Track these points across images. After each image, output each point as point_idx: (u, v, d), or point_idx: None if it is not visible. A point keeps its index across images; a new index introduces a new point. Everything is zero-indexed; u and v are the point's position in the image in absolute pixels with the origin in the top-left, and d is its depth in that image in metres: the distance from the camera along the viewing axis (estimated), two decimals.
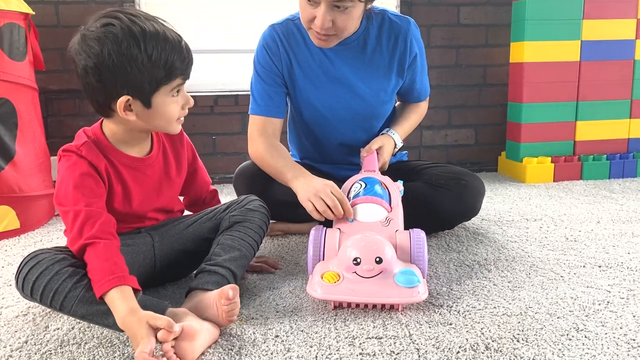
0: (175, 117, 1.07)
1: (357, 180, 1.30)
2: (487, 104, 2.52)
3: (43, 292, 0.95)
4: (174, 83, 1.03)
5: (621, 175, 2.29)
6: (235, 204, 1.23)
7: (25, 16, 1.74)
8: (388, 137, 1.48)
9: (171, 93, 1.04)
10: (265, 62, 1.46)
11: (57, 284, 0.94)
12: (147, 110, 1.03)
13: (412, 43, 1.45)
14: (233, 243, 1.12)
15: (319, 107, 1.48)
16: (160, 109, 1.04)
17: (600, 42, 2.27)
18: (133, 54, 0.97)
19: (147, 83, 1.00)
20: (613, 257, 1.32)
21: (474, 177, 1.49)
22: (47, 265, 0.96)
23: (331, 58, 1.44)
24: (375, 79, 1.46)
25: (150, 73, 0.99)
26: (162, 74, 1.00)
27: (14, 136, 1.67)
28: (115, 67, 0.97)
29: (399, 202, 1.24)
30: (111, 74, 0.98)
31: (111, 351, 0.91)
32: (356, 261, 1.03)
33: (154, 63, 0.99)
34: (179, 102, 1.06)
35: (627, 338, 0.92)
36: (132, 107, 1.02)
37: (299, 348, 0.91)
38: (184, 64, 1.03)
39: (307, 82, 1.46)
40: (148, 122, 1.05)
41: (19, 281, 0.98)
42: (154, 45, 0.99)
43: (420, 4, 2.36)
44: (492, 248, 1.41)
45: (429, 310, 1.04)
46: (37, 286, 0.96)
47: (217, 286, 1.01)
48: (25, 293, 0.98)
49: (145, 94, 1.01)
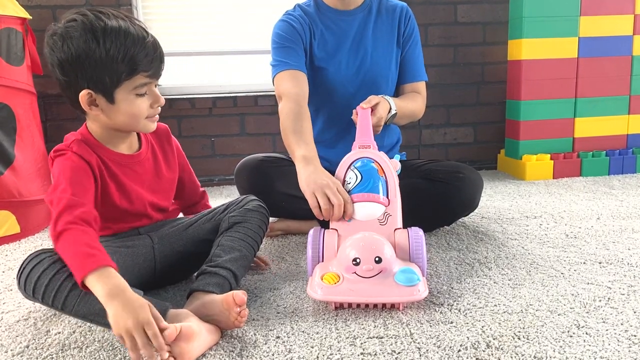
0: (142, 115, 1.07)
1: (351, 166, 1.23)
2: (485, 102, 2.53)
3: (45, 291, 0.95)
4: (136, 80, 1.03)
5: (620, 171, 2.29)
6: (234, 204, 1.23)
7: (22, 21, 1.74)
8: (383, 98, 1.42)
9: (136, 90, 1.04)
10: (288, 30, 1.51)
11: (58, 282, 0.94)
12: (111, 106, 1.04)
13: (409, 19, 1.58)
14: (233, 244, 1.12)
15: (334, 75, 1.54)
16: (123, 105, 1.04)
17: (598, 39, 2.27)
18: (91, 48, 0.99)
19: (107, 78, 1.01)
20: (613, 253, 1.32)
21: (472, 170, 1.50)
22: (48, 264, 0.96)
23: (342, 27, 1.54)
24: (381, 44, 1.55)
25: (110, 68, 1.00)
26: (122, 70, 1.01)
27: (13, 141, 1.67)
28: (75, 61, 1.00)
29: (397, 190, 1.20)
30: (72, 68, 1.01)
31: (112, 354, 0.91)
32: (356, 261, 1.03)
33: (113, 58, 1.00)
34: (146, 100, 1.07)
35: (628, 334, 0.92)
36: (97, 102, 1.03)
37: (300, 349, 0.91)
38: (146, 60, 1.03)
39: (322, 52, 1.54)
40: (114, 119, 1.06)
41: (20, 281, 0.98)
42: (113, 40, 1.00)
43: (417, 2, 2.36)
44: (492, 246, 1.41)
45: (430, 309, 1.04)
46: (39, 285, 0.96)
47: (218, 288, 1.01)
48: (27, 293, 0.98)
49: (107, 89, 1.02)
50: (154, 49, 1.05)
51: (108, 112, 1.05)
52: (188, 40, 2.41)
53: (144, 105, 1.06)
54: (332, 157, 1.47)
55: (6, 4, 1.67)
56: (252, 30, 2.40)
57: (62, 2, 2.18)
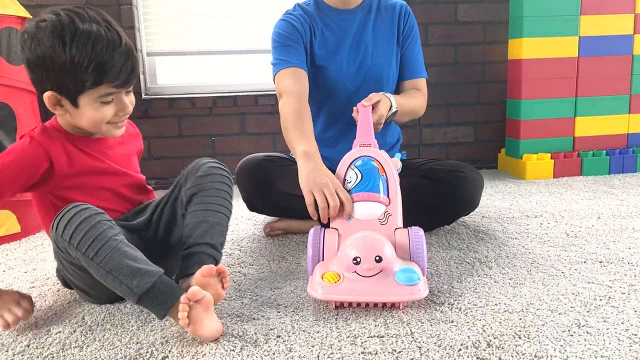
0: (104, 121, 1.06)
1: (351, 165, 1.22)
2: (486, 101, 2.53)
3: (83, 237, 0.95)
4: (101, 90, 1.02)
5: (621, 171, 2.29)
6: (189, 173, 1.17)
7: (22, 20, 1.74)
8: (384, 95, 1.41)
9: (101, 99, 1.03)
10: (288, 29, 1.52)
11: (98, 231, 0.96)
12: (75, 109, 1.04)
13: (409, 17, 1.59)
14: (197, 218, 1.10)
15: (335, 74, 1.54)
16: (86, 110, 1.04)
17: (598, 38, 2.26)
18: (56, 52, 0.98)
19: (70, 84, 1.00)
20: (614, 252, 1.32)
21: (472, 170, 1.50)
22: (90, 213, 0.98)
23: (342, 26, 1.55)
24: (381, 42, 1.56)
25: (74, 75, 0.99)
26: (87, 78, 0.99)
27: (14, 140, 1.67)
28: (40, 63, 1.00)
29: (397, 189, 1.20)
30: (37, 69, 1.01)
31: (113, 353, 0.91)
32: (356, 260, 1.03)
33: (77, 65, 0.98)
34: (112, 107, 1.05)
35: (628, 333, 0.92)
36: (63, 103, 1.04)
37: (301, 348, 0.91)
38: (114, 70, 1.00)
39: (323, 51, 1.55)
40: (77, 121, 1.07)
41: (59, 226, 0.97)
42: (80, 47, 0.98)
43: (418, 1, 2.36)
44: (493, 245, 1.41)
45: (430, 308, 1.04)
46: (79, 230, 0.96)
47: (200, 265, 0.99)
48: (64, 238, 0.97)
49: (71, 94, 1.02)
50: (125, 59, 1.02)
51: (72, 114, 1.05)
52: (188, 40, 2.41)
53: (109, 112, 1.05)
54: (334, 156, 1.47)
55: (6, 3, 1.67)
56: (252, 30, 2.40)
57: (62, 1, 2.17)
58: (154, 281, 0.94)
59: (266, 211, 1.61)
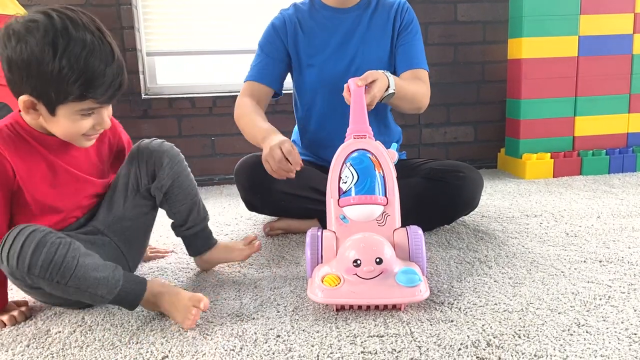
0: (79, 133, 1.01)
1: (347, 162, 1.17)
2: (485, 100, 2.53)
3: (42, 265, 0.92)
4: (84, 104, 0.97)
5: (621, 170, 2.29)
6: (145, 169, 1.16)
7: None
8: (383, 74, 1.36)
9: (81, 112, 0.98)
10: (269, 35, 1.59)
11: (55, 254, 0.93)
12: (50, 117, 0.98)
13: (406, 12, 1.58)
14: (186, 204, 1.22)
15: (323, 72, 1.55)
16: (64, 121, 0.98)
17: (598, 37, 2.26)
18: (44, 59, 0.91)
19: (53, 92, 0.94)
20: (613, 251, 1.32)
21: (472, 169, 1.50)
22: (40, 237, 0.93)
23: (334, 24, 1.56)
24: (374, 40, 1.56)
25: (58, 86, 0.93)
26: (72, 92, 0.94)
27: None
28: (23, 66, 0.93)
29: (395, 185, 1.16)
30: (19, 71, 0.94)
31: (113, 353, 0.91)
32: (356, 263, 1.02)
33: (64, 77, 0.92)
34: (90, 120, 1.00)
35: (628, 332, 0.92)
36: (38, 108, 0.97)
37: (301, 347, 0.91)
38: (102, 88, 0.96)
39: (311, 48, 1.56)
40: (50, 128, 1.01)
41: (10, 258, 0.92)
42: (71, 59, 0.92)
43: (418, 1, 2.35)
44: (493, 244, 1.41)
45: (430, 308, 1.04)
46: (35, 259, 0.92)
47: (210, 240, 1.27)
48: (20, 269, 0.92)
49: (50, 102, 0.96)
50: (115, 76, 0.97)
51: (46, 120, 0.99)
52: (188, 39, 2.41)
53: (86, 124, 1.00)
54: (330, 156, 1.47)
55: (6, 4, 1.67)
56: (252, 30, 2.40)
57: (62, 1, 2.17)
58: (121, 284, 1.00)
59: (265, 210, 1.61)
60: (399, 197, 1.16)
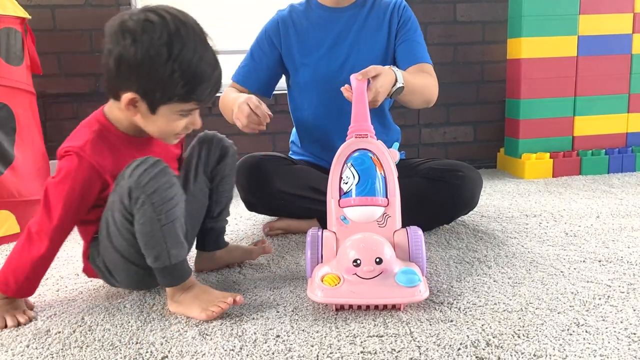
0: (173, 132, 1.05)
1: (347, 162, 1.16)
2: (485, 100, 2.53)
3: (157, 190, 0.98)
4: (186, 105, 1.01)
5: (620, 170, 2.29)
6: (210, 152, 1.25)
7: (21, 20, 1.74)
8: (388, 69, 1.32)
9: (181, 112, 1.02)
10: (260, 40, 1.63)
11: (172, 192, 1.00)
12: (150, 115, 1.01)
13: (403, 10, 1.58)
14: (226, 198, 1.29)
15: (315, 72, 1.55)
16: (162, 119, 1.02)
17: (597, 37, 2.27)
18: (158, 61, 0.95)
19: (159, 92, 0.98)
20: (613, 251, 1.32)
21: (471, 169, 1.50)
22: (168, 170, 1.01)
23: (330, 23, 1.57)
24: (369, 39, 1.56)
25: (167, 87, 0.97)
26: (178, 93, 0.98)
27: (13, 141, 1.67)
28: (136, 65, 0.96)
29: (396, 185, 1.16)
30: (129, 69, 0.96)
31: (112, 354, 0.92)
32: (356, 263, 1.02)
33: (174, 80, 0.96)
34: (185, 120, 1.04)
35: (627, 332, 0.92)
36: (138, 105, 1.00)
37: (300, 347, 0.91)
38: (206, 92, 1.01)
39: (304, 48, 1.57)
40: (146, 125, 1.04)
41: (134, 174, 0.97)
42: (183, 63, 0.96)
43: (417, 1, 2.35)
44: (492, 244, 1.41)
45: (430, 308, 1.04)
46: (156, 182, 0.98)
47: (224, 239, 1.31)
48: (140, 185, 0.97)
49: (154, 102, 0.99)
50: (218, 80, 1.03)
51: (144, 117, 1.02)
52: None
53: (181, 124, 1.04)
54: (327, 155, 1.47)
55: (5, 4, 1.67)
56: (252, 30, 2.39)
57: (61, 1, 2.18)
58: (184, 257, 1.05)
59: (265, 210, 1.61)
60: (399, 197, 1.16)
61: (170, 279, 1.04)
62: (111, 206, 1.02)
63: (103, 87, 1.05)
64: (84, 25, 2.18)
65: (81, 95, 2.26)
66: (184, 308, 1.04)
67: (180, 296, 1.05)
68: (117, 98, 1.02)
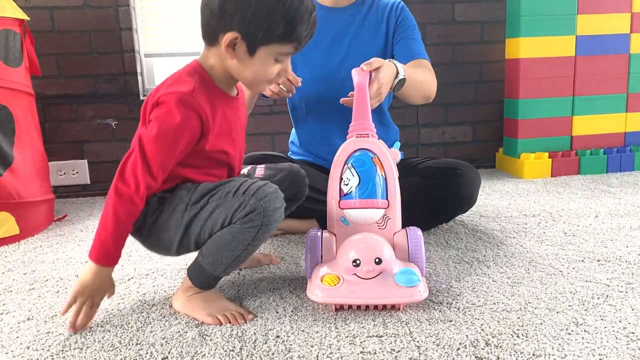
0: (267, 78, 1.05)
1: (348, 163, 1.14)
2: (483, 100, 2.53)
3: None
4: (285, 47, 1.02)
5: (618, 169, 2.30)
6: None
7: (20, 22, 1.74)
8: (388, 61, 1.30)
9: (277, 55, 1.02)
10: None
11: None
12: (247, 58, 1.01)
13: (401, 10, 1.58)
14: None
15: (311, 71, 1.54)
16: (259, 63, 1.02)
17: (595, 37, 2.27)
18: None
19: (261, 32, 0.98)
20: (611, 251, 1.32)
21: (469, 167, 1.51)
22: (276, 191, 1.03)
23: (328, 23, 1.55)
24: (367, 38, 1.56)
25: (270, 25, 0.98)
26: (279, 32, 0.99)
27: (12, 142, 1.67)
28: (242, 2, 0.97)
29: (397, 186, 1.15)
30: (236, 6, 0.97)
31: (112, 355, 0.92)
32: (356, 263, 1.03)
33: (277, 19, 0.97)
34: (278, 67, 1.05)
35: (626, 331, 0.92)
36: (237, 47, 1.00)
37: (300, 348, 0.91)
38: (304, 33, 1.02)
39: (304, 47, 1.54)
40: (242, 70, 1.03)
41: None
42: (287, 3, 0.97)
43: (415, 1, 2.36)
44: (491, 244, 1.42)
45: (429, 308, 1.04)
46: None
47: None
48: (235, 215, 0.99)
49: (255, 42, 1.00)
50: (313, 24, 1.04)
51: (241, 61, 1.02)
52: (186, 41, 2.41)
53: (275, 70, 1.04)
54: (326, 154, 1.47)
55: (4, 6, 1.67)
56: None
57: (60, 3, 2.18)
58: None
59: None
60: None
61: (202, 281, 1.06)
62: (222, 201, 1.01)
63: (201, 31, 1.05)
64: (83, 26, 2.18)
65: (80, 96, 2.26)
66: (191, 308, 1.05)
67: (194, 295, 1.06)
68: (214, 43, 1.03)
